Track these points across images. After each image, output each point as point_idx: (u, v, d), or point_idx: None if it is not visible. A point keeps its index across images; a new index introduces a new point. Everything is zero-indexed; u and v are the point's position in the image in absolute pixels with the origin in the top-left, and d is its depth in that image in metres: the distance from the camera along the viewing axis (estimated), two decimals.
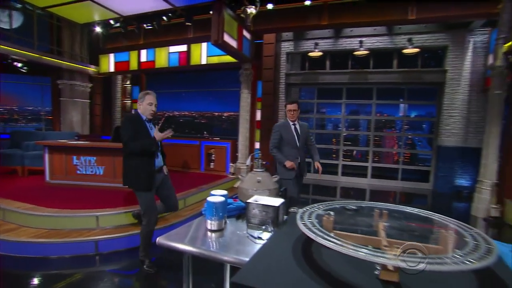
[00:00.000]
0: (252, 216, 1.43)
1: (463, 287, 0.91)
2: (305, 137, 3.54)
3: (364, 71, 7.54)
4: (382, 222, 1.21)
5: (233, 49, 5.93)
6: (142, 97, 2.89)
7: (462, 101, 7.03)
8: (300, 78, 8.10)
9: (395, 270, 0.89)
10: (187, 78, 9.61)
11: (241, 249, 1.20)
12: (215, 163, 7.60)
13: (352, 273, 0.96)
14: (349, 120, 8.45)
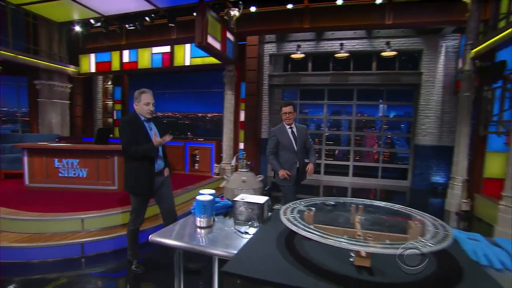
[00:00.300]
0: (239, 213, 1.53)
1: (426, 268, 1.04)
2: (304, 140, 3.38)
3: (345, 73, 7.79)
4: (357, 215, 1.34)
5: (217, 51, 6.00)
6: (138, 96, 2.77)
7: (436, 102, 7.39)
8: (283, 80, 8.27)
9: (367, 256, 1.01)
10: (171, 79, 9.57)
11: (229, 243, 1.29)
12: (200, 163, 7.63)
13: (330, 260, 1.07)
14: (331, 120, 8.69)
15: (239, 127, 8.24)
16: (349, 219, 1.33)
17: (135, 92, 2.80)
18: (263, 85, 8.32)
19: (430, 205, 6.23)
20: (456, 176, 5.69)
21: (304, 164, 3.38)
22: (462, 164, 5.64)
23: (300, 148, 3.35)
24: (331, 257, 1.09)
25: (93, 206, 4.04)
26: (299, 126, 3.43)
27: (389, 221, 1.32)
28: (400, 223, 1.29)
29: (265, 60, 8.29)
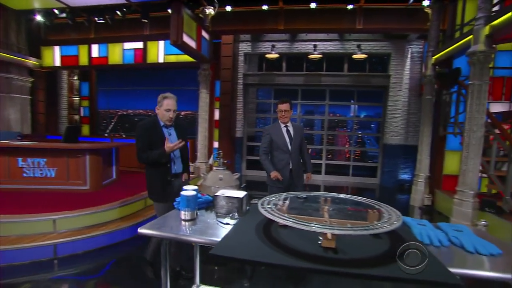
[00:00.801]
0: (220, 207, 1.71)
1: (380, 247, 1.28)
2: (299, 140, 3.27)
3: (318, 73, 8.16)
4: (325, 206, 1.57)
5: (192, 49, 6.08)
6: (160, 101, 2.72)
7: (403, 104, 7.95)
8: (258, 79, 8.49)
9: (333, 238, 1.23)
10: (143, 75, 9.44)
11: (212, 233, 1.47)
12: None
13: (301, 243, 1.28)
14: (304, 120, 9.05)
15: (214, 126, 8.35)
16: (318, 209, 1.55)
17: (159, 95, 2.75)
18: (238, 84, 8.50)
19: (397, 201, 6.73)
20: (419, 173, 6.21)
21: (298, 166, 3.26)
22: (425, 162, 6.17)
23: (294, 149, 3.23)
24: (302, 241, 1.30)
25: (65, 206, 4.01)
26: (296, 126, 3.33)
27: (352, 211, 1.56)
28: (361, 212, 1.53)
29: (240, 59, 8.47)
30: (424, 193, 6.15)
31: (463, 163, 4.58)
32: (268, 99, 8.97)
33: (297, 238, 1.33)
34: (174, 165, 2.78)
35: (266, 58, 8.30)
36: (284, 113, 3.21)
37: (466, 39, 4.87)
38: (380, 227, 1.21)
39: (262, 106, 9.08)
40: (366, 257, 1.17)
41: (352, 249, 1.24)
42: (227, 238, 1.31)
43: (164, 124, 2.73)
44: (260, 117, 10.13)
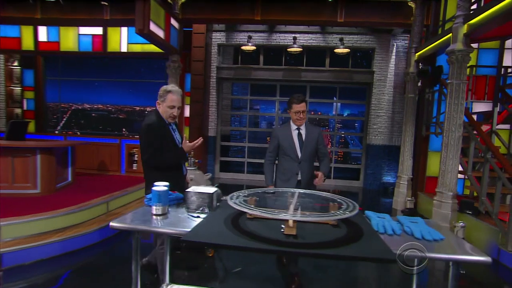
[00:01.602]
0: (190, 202, 1.99)
1: (336, 234, 1.61)
2: (313, 146, 3.10)
3: (297, 68, 8.58)
4: (291, 200, 1.89)
5: (160, 39, 6.25)
6: (163, 95, 2.68)
7: (387, 102, 8.51)
8: (233, 73, 8.79)
9: (293, 226, 1.54)
10: (102, 65, 9.42)
11: (183, 225, 1.74)
12: (139, 164, 7.79)
13: (266, 231, 1.59)
14: (284, 118, 9.43)
15: (184, 124, 8.54)
16: (285, 203, 1.87)
17: (161, 88, 2.73)
18: (211, 78, 8.76)
19: (381, 205, 7.24)
20: (402, 175, 6.74)
21: (310, 177, 3.08)
22: (407, 163, 6.71)
23: (306, 156, 3.07)
24: (267, 230, 1.61)
25: (10, 212, 3.99)
26: (311, 128, 3.16)
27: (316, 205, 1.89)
28: (323, 205, 1.86)
29: (213, 51, 8.73)
30: (406, 195, 6.68)
31: (442, 163, 5.10)
32: (244, 95, 9.28)
33: (262, 228, 1.64)
34: (184, 167, 2.84)
35: (242, 50, 8.60)
36: (302, 115, 3.04)
37: (446, 37, 5.39)
38: (335, 215, 1.54)
39: (237, 102, 9.39)
40: (321, 241, 1.49)
41: (311, 236, 1.56)
42: (197, 228, 1.60)
43: (168, 122, 2.71)
44: (236, 115, 10.43)
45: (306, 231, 1.60)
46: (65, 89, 9.58)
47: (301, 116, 3.05)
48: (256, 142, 9.59)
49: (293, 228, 1.53)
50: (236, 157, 10.18)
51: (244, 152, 9.37)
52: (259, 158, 9.24)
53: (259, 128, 10.02)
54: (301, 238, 1.49)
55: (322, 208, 1.83)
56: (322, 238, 1.52)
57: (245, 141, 9.44)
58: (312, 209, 1.80)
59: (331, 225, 1.72)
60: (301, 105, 3.03)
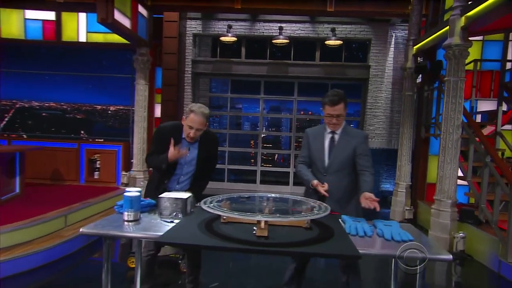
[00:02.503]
0: (164, 208, 2.31)
1: (307, 235, 1.96)
2: (347, 156, 2.95)
3: (284, 62, 9.00)
4: (265, 204, 2.24)
5: (126, 30, 6.50)
6: (187, 113, 2.92)
7: (385, 100, 8.99)
8: (211, 67, 9.13)
9: (265, 228, 1.88)
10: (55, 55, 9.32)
11: (156, 229, 2.06)
12: (101, 171, 7.99)
13: (239, 234, 1.93)
14: (269, 119, 9.82)
15: (154, 126, 8.79)
16: (260, 207, 2.21)
17: (190, 105, 2.96)
18: (185, 73, 9.07)
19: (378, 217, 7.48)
20: (400, 182, 7.19)
21: (340, 195, 2.93)
22: (405, 169, 7.17)
23: (334, 167, 2.96)
24: (239, 232, 1.95)
25: None
26: (351, 134, 3.03)
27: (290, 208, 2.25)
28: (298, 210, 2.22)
29: (188, 41, 9.04)
30: (405, 204, 7.11)
31: (440, 168, 5.55)
32: (224, 92, 9.63)
33: (236, 231, 1.97)
34: (177, 184, 3.07)
35: (221, 42, 8.94)
36: (336, 120, 2.91)
37: (445, 29, 5.79)
38: (306, 216, 1.89)
39: (216, 101, 9.72)
40: (291, 241, 1.83)
41: (282, 237, 1.90)
42: (171, 230, 1.93)
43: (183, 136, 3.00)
44: (214, 115, 10.73)
45: (278, 234, 1.94)
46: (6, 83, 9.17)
47: (333, 122, 2.91)
48: (238, 146, 9.92)
49: (265, 230, 1.87)
50: None
51: (224, 158, 9.65)
52: (242, 164, 9.60)
53: (241, 130, 10.36)
54: (272, 239, 1.83)
55: (296, 212, 2.18)
56: (292, 239, 1.86)
57: (225, 145, 9.71)
58: (286, 213, 2.15)
59: (304, 228, 2.07)
60: (334, 108, 2.86)
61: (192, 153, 3.02)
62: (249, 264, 4.69)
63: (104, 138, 9.32)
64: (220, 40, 8.92)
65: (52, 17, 7.96)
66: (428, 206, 6.68)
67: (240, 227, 2.04)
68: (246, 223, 2.05)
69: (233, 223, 2.10)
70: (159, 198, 2.34)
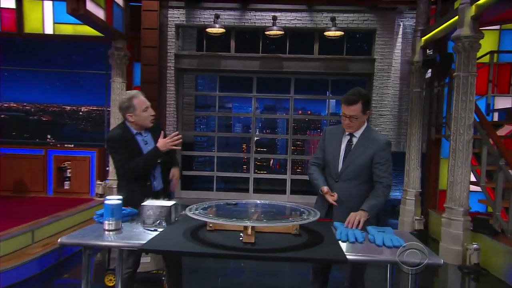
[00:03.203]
0: (147, 217, 2.54)
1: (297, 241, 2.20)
2: (363, 163, 3.04)
3: (278, 56, 9.25)
4: (256, 210, 2.48)
5: (100, 21, 6.71)
6: (129, 105, 3.21)
7: (392, 97, 9.25)
8: (196, 62, 9.37)
9: (252, 234, 2.12)
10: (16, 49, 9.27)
11: (139, 238, 2.29)
12: (73, 181, 8.08)
13: (225, 241, 2.17)
14: (263, 120, 10.04)
15: None
16: (247, 214, 2.46)
17: (121, 101, 3.29)
18: (168, 69, 9.26)
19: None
20: (408, 189, 7.46)
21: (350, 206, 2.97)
22: (415, 174, 7.44)
23: (350, 174, 3.06)
24: (226, 239, 2.19)
25: None
26: (371, 138, 3.10)
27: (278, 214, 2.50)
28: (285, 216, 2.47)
29: (170, 33, 9.24)
30: (414, 214, 7.36)
31: (450, 173, 5.82)
32: (212, 90, 9.86)
33: (222, 238, 2.22)
34: (155, 181, 3.40)
35: (207, 33, 9.12)
36: (350, 121, 3.02)
37: (454, 19, 6.02)
38: (293, 221, 2.13)
39: (203, 100, 9.92)
40: (278, 247, 2.08)
41: (270, 244, 2.15)
42: (155, 238, 2.17)
43: (136, 132, 3.32)
44: (201, 116, 10.97)
45: (265, 240, 2.18)
46: None
47: (349, 123, 3.03)
48: (228, 151, 10.15)
49: (252, 236, 2.11)
50: (203, 171, 10.66)
51: (212, 164, 9.85)
52: (232, 171, 9.82)
53: (231, 132, 10.58)
54: (258, 246, 2.07)
55: (285, 218, 2.43)
56: (279, 245, 2.11)
57: (214, 149, 9.90)
58: (274, 219, 2.40)
59: (293, 234, 2.31)
60: (350, 109, 2.97)
61: (151, 145, 3.32)
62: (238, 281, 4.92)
63: (75, 143, 9.40)
64: (206, 32, 9.07)
65: (11, 5, 8.04)
66: (440, 215, 6.87)
67: (226, 234, 2.28)
68: (233, 231, 2.29)
69: (220, 230, 2.34)
70: (142, 206, 2.58)
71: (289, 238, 2.27)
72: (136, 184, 3.25)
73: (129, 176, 3.23)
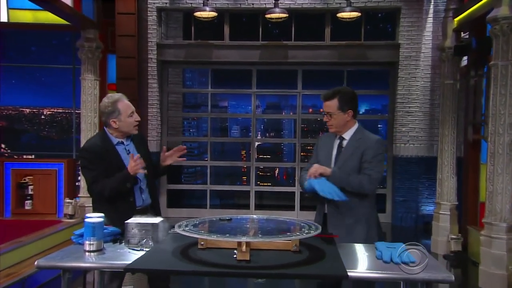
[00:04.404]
0: (131, 236, 2.89)
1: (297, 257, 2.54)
2: (354, 165, 3.46)
3: (282, 44, 9.50)
4: (252, 226, 2.84)
5: (66, 7, 6.95)
6: (113, 109, 3.51)
7: (422, 90, 9.52)
8: (183, 53, 9.63)
9: (246, 251, 2.46)
10: None
11: (123, 259, 2.62)
12: (36, 200, 8.24)
13: (218, 258, 2.52)
14: (266, 121, 10.25)
15: None
16: (242, 230, 2.80)
17: (104, 105, 3.56)
18: (149, 62, 9.51)
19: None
20: (442, 202, 7.70)
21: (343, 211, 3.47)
22: (449, 183, 7.68)
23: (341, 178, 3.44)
24: (219, 257, 2.53)
25: None
26: (365, 137, 3.54)
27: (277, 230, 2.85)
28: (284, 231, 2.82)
29: (151, 19, 9.49)
30: (450, 232, 7.55)
31: (488, 181, 6.05)
32: (203, 86, 10.11)
33: (215, 256, 2.56)
34: (142, 194, 3.71)
35: (196, 18, 9.28)
36: (327, 118, 3.52)
37: None
38: (292, 235, 2.48)
39: (193, 98, 10.17)
40: (274, 264, 2.42)
41: (266, 262, 2.49)
42: (142, 258, 2.51)
43: (118, 141, 3.63)
44: (191, 118, 11.19)
45: (261, 258, 2.52)
46: None
47: (327, 120, 3.52)
48: (224, 159, 10.48)
49: (246, 253, 2.45)
50: (194, 184, 10.91)
51: (205, 176, 10.07)
52: (229, 184, 10.08)
53: (228, 137, 10.81)
54: (254, 263, 2.42)
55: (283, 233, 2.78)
56: (276, 262, 2.45)
57: (207, 158, 10.16)
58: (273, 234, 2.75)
59: (292, 251, 2.65)
60: (325, 104, 3.51)
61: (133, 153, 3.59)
62: None
63: (37, 153, 9.58)
64: (194, 16, 9.15)
65: None
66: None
67: (219, 252, 2.62)
68: (226, 249, 2.63)
69: (212, 248, 2.68)
70: (126, 224, 2.91)
71: (288, 256, 2.60)
72: (117, 201, 3.53)
73: (97, 198, 3.56)
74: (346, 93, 3.50)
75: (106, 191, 3.46)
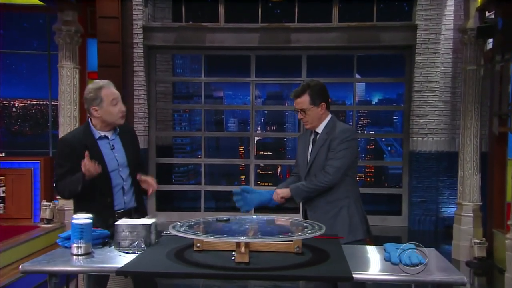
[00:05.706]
0: (122, 238, 3.08)
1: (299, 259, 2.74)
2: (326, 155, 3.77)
3: (284, 26, 9.64)
4: (251, 226, 3.03)
5: None
6: (95, 96, 3.58)
7: (442, 77, 9.65)
8: (173, 37, 9.75)
9: (245, 252, 2.66)
10: None
11: (114, 262, 2.81)
12: (8, 203, 8.38)
13: (215, 261, 2.71)
14: (266, 113, 10.38)
15: None
16: (240, 230, 3.00)
17: (87, 91, 3.66)
18: (134, 47, 9.63)
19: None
20: (464, 202, 7.84)
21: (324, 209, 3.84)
22: (472, 182, 7.83)
23: (315, 171, 3.82)
24: (216, 259, 2.73)
25: None
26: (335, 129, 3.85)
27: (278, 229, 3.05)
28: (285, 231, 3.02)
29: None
30: (474, 236, 7.68)
31: None
32: (196, 74, 10.22)
33: (211, 258, 2.76)
34: (124, 196, 3.81)
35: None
36: (302, 116, 3.87)
37: None
38: (294, 235, 2.68)
39: (184, 87, 10.30)
40: (274, 266, 2.62)
41: (266, 263, 2.69)
42: (134, 260, 2.70)
43: (100, 135, 3.71)
44: (182, 109, 11.31)
45: (261, 260, 2.72)
46: None
47: (301, 118, 3.89)
48: (220, 156, 10.61)
49: (245, 255, 2.65)
50: (186, 184, 11.10)
51: (199, 175, 10.25)
52: (226, 184, 10.23)
53: (224, 131, 10.91)
54: (253, 265, 2.62)
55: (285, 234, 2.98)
56: (276, 264, 2.65)
57: (200, 155, 10.31)
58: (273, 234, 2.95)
59: (294, 253, 2.84)
60: (296, 102, 3.86)
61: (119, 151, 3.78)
62: None
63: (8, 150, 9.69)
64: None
65: None
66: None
67: (217, 254, 2.81)
68: (224, 251, 2.82)
69: (209, 251, 2.87)
70: (116, 226, 3.09)
71: (289, 257, 2.79)
72: (92, 201, 3.59)
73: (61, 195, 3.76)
74: (316, 86, 3.83)
75: (66, 192, 3.65)
